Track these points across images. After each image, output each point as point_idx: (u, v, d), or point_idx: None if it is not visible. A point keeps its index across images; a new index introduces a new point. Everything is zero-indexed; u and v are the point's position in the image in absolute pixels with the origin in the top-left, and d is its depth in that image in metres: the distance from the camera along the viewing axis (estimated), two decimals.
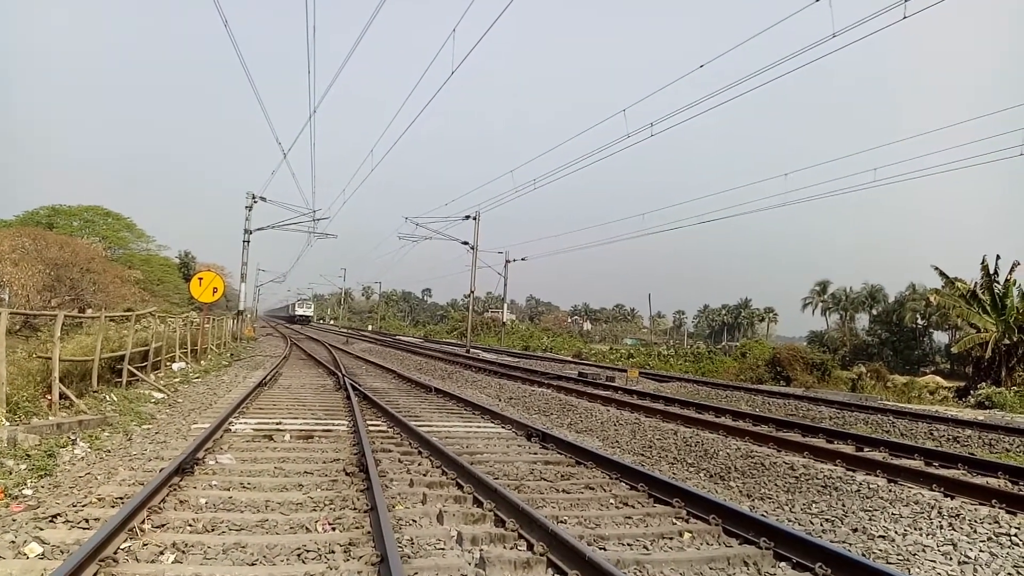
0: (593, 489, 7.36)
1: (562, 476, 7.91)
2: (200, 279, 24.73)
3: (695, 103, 16.91)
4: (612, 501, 6.87)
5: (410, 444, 9.28)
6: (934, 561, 5.62)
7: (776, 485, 8.18)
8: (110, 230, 61.66)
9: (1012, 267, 29.83)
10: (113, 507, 5.72)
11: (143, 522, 5.30)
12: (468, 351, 37.75)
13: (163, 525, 5.38)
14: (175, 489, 6.34)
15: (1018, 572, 5.33)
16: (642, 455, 10.00)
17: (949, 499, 7.44)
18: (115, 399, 12.20)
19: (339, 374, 18.55)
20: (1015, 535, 6.14)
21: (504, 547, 5.34)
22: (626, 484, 7.51)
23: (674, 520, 6.30)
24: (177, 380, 16.97)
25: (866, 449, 10.22)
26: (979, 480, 8.36)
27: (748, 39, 15.60)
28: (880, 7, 12.36)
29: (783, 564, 5.23)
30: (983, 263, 30.65)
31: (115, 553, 4.61)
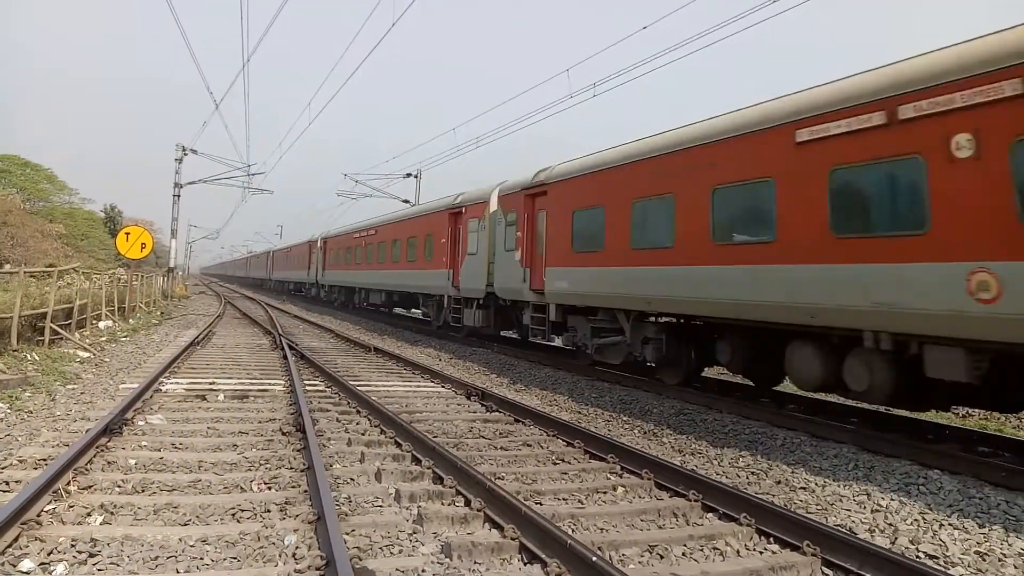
0: (531, 446, 7.49)
1: (500, 434, 8.02)
2: (127, 234, 23.66)
3: (638, 64, 16.77)
4: (549, 457, 7.02)
5: (348, 403, 9.23)
6: (849, 510, 5.97)
7: (706, 441, 8.49)
8: (29, 181, 58.45)
9: None
10: (36, 469, 5.54)
11: (68, 484, 5.15)
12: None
13: (90, 487, 5.24)
14: (102, 450, 6.17)
15: (923, 518, 5.71)
16: (579, 413, 10.21)
17: (865, 453, 7.87)
18: (37, 358, 11.70)
19: (275, 333, 18.21)
20: (922, 484, 6.55)
21: (442, 503, 5.41)
22: (563, 441, 7.67)
23: (608, 475, 6.49)
24: (104, 339, 16.36)
25: (789, 406, 10.66)
26: (892, 435, 8.84)
27: (690, 1, 15.53)
28: None
29: (710, 515, 5.47)
30: None
31: (38, 516, 4.47)
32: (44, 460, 5.78)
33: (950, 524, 5.59)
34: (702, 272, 9.87)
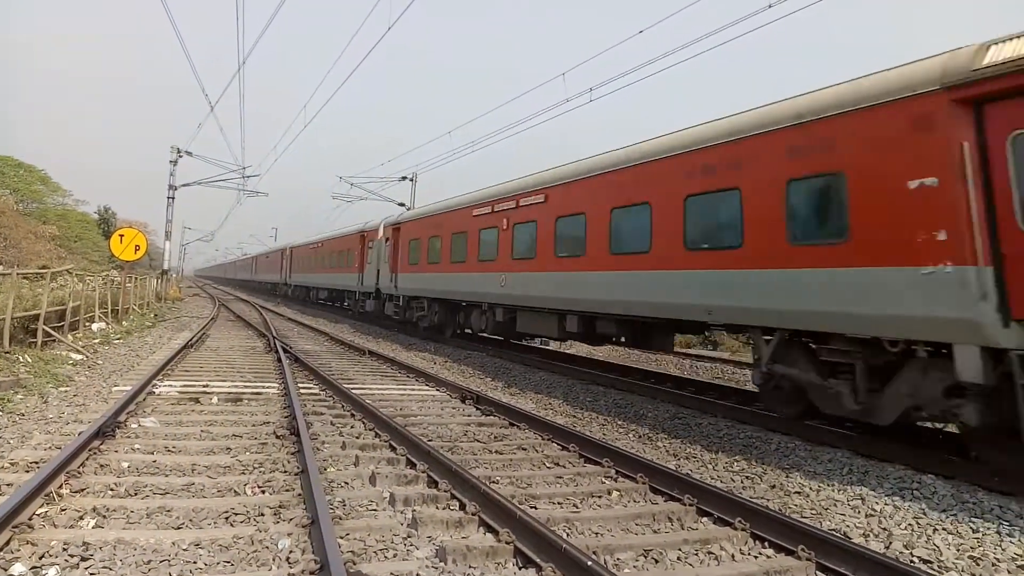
0: (526, 450, 7.48)
1: (495, 437, 8.01)
2: (121, 236, 23.55)
3: (634, 69, 16.86)
4: (544, 461, 7.01)
5: (343, 407, 9.21)
6: (844, 514, 5.98)
7: (701, 445, 8.49)
8: (22, 183, 58.23)
9: None
10: (28, 472, 5.51)
11: (61, 487, 5.12)
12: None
13: (83, 490, 5.21)
14: (95, 453, 6.14)
15: (917, 523, 5.72)
16: (574, 417, 10.20)
17: (859, 458, 7.88)
18: (29, 360, 11.64)
19: (269, 336, 18.15)
20: (916, 489, 6.56)
21: (437, 507, 5.39)
22: (558, 445, 7.66)
23: (603, 479, 6.48)
24: (97, 341, 16.29)
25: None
26: (885, 440, 8.85)
27: (688, 5, 15.61)
28: None
29: (705, 519, 5.47)
30: None
31: (30, 519, 4.45)
32: (36, 463, 5.74)
33: (944, 528, 5.60)
34: None
